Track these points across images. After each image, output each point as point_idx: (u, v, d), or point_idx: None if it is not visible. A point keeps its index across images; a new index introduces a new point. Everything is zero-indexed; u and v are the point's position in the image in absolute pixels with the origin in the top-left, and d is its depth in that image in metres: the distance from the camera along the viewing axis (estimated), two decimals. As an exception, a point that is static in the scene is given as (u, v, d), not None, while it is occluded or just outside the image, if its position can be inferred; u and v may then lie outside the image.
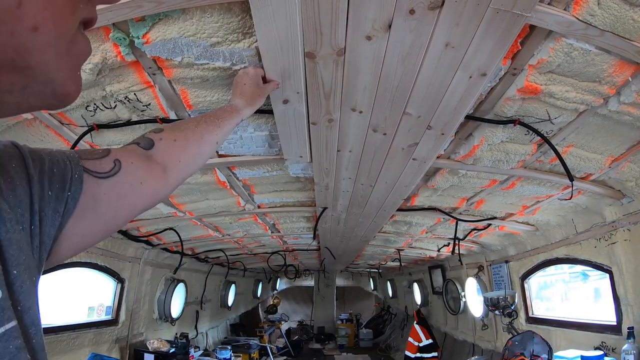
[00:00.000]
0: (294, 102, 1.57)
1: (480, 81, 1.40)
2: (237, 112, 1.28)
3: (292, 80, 1.45)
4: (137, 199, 0.82)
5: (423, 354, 6.66)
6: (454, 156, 2.25)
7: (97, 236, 0.74)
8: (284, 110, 1.64)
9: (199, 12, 1.25)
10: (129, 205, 0.80)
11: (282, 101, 1.57)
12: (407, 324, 9.17)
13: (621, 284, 2.77)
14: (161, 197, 0.94)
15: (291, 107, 1.62)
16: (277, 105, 1.60)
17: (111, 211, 0.74)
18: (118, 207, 0.76)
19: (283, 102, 1.58)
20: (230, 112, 1.26)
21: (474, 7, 1.09)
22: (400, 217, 3.70)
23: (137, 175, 0.82)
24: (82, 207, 0.67)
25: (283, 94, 1.53)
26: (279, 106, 1.61)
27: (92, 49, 1.41)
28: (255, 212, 3.43)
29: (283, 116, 1.69)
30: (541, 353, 3.21)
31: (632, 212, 2.60)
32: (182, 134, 1.03)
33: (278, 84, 1.43)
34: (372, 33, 1.20)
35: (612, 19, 1.22)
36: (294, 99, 1.55)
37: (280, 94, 1.53)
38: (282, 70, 1.39)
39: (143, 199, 0.84)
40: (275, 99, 1.57)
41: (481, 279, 5.03)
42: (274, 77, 1.44)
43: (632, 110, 1.69)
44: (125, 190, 0.77)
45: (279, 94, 1.53)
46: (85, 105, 1.71)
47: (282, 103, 1.58)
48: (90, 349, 3.63)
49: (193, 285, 6.09)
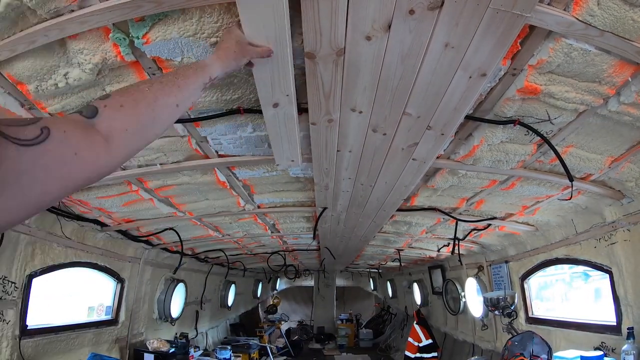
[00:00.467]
0: (283, 105, 1.57)
1: (480, 81, 1.40)
2: (203, 67, 1.10)
3: (282, 83, 1.44)
4: (71, 172, 0.74)
5: (423, 354, 6.66)
6: (454, 156, 2.25)
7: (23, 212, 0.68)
8: (274, 114, 1.63)
9: (198, 12, 1.25)
10: (60, 179, 0.72)
11: (272, 105, 1.57)
12: (407, 324, 9.17)
13: (621, 284, 2.77)
14: (102, 170, 0.82)
15: (281, 111, 1.61)
16: (267, 109, 1.60)
17: (38, 184, 0.67)
18: (46, 180, 0.69)
19: (273, 106, 1.57)
20: (194, 68, 1.08)
21: (473, 7, 1.09)
22: (400, 217, 3.70)
23: (70, 145, 0.73)
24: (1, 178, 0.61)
25: (273, 98, 1.53)
26: (269, 110, 1.61)
27: (92, 49, 1.41)
28: (255, 212, 3.43)
29: (273, 120, 1.69)
30: (541, 353, 3.20)
31: (631, 212, 2.60)
32: (131, 97, 0.90)
33: (269, 52, 1.25)
34: (372, 33, 1.20)
35: (611, 19, 1.22)
36: (284, 101, 1.55)
37: (270, 98, 1.53)
38: (271, 73, 1.38)
39: (78, 172, 0.75)
40: (265, 102, 1.56)
41: (481, 279, 5.03)
42: (262, 77, 1.40)
43: (631, 110, 1.69)
44: (54, 162, 0.70)
45: (268, 97, 1.52)
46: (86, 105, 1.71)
47: (272, 107, 1.58)
48: (90, 348, 3.63)
49: (193, 285, 6.09)
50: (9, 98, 1.64)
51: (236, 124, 1.93)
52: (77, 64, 1.44)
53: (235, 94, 1.69)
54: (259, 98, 1.54)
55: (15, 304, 2.78)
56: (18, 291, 2.80)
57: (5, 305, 2.71)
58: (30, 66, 1.45)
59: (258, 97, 1.53)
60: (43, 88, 1.54)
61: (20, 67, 1.46)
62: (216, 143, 2.13)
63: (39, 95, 1.59)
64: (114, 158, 0.84)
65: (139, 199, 2.89)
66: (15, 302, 2.78)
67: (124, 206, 3.01)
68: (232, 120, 1.90)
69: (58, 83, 1.51)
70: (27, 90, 1.56)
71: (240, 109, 1.79)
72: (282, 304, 13.25)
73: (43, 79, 1.51)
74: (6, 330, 2.71)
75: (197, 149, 2.18)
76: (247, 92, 1.69)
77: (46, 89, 1.54)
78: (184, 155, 2.26)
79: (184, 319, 5.80)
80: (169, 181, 2.61)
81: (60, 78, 1.50)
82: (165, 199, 3.01)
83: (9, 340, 2.73)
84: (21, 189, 0.65)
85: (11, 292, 2.75)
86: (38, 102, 1.66)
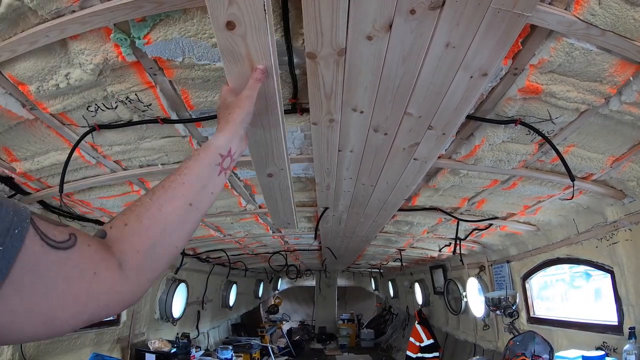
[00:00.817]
0: (278, 176, 1.60)
1: (481, 81, 1.40)
2: (205, 148, 0.97)
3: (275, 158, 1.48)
4: (88, 292, 0.63)
5: (424, 354, 6.65)
6: (455, 156, 2.24)
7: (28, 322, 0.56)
8: (269, 182, 1.66)
9: (199, 12, 1.25)
10: (75, 296, 0.61)
11: (266, 175, 1.60)
12: (409, 324, 9.16)
13: (623, 284, 2.76)
14: (124, 300, 0.71)
15: (276, 181, 1.65)
16: (262, 177, 1.64)
17: (53, 294, 0.57)
18: (63, 292, 0.59)
19: (268, 176, 1.60)
20: (195, 154, 0.96)
21: (474, 7, 1.09)
22: (401, 217, 3.70)
23: (92, 262, 0.64)
24: (19, 273, 0.53)
25: (267, 169, 1.57)
26: (264, 179, 1.64)
27: (94, 49, 1.41)
28: (257, 212, 3.44)
29: (269, 188, 1.73)
30: (542, 353, 3.20)
31: (633, 212, 2.60)
32: (134, 214, 0.78)
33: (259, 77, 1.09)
34: (373, 33, 1.20)
35: (613, 18, 1.22)
36: (278, 174, 1.60)
37: (264, 168, 1.57)
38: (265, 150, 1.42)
39: (95, 295, 0.64)
40: (260, 172, 1.60)
41: (482, 279, 5.03)
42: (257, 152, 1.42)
43: (633, 109, 1.69)
44: (75, 273, 0.61)
45: (262, 168, 1.55)
46: (87, 105, 1.71)
47: (267, 176, 1.60)
48: (91, 349, 3.63)
49: (194, 285, 6.09)
50: (10, 99, 1.65)
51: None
52: (79, 65, 1.44)
53: (236, 94, 1.69)
54: None
55: (17, 304, 2.79)
56: (20, 291, 2.80)
57: (7, 306, 2.71)
58: (32, 67, 1.45)
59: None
60: (44, 89, 1.54)
61: (21, 68, 1.46)
62: (217, 143, 2.13)
63: (40, 96, 1.60)
64: (134, 284, 0.72)
65: (140, 199, 2.89)
66: (17, 302, 2.78)
67: (126, 206, 3.01)
68: (233, 121, 1.90)
69: (59, 84, 1.52)
70: (28, 91, 1.57)
71: (241, 109, 1.79)
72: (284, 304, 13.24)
73: (44, 79, 1.51)
74: (8, 331, 2.72)
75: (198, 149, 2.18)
76: (248, 93, 1.69)
77: (47, 89, 1.54)
78: (185, 155, 2.26)
79: (185, 319, 5.81)
80: (170, 181, 2.61)
81: (61, 79, 1.50)
82: (166, 199, 3.01)
83: (11, 340, 2.73)
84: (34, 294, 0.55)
85: (13, 292, 2.75)
86: (39, 103, 1.66)
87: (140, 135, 2.01)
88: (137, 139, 2.05)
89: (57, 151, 2.10)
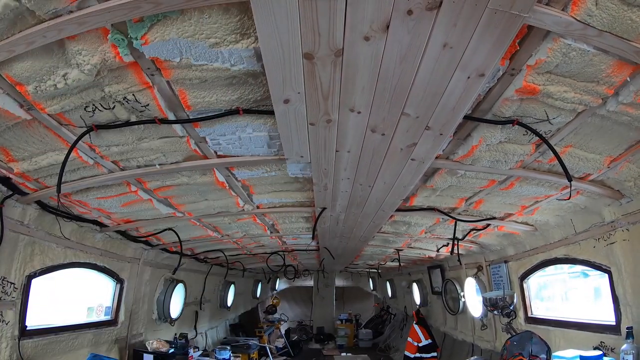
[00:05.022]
0: (294, 102, 1.57)
1: (478, 81, 1.41)
2: None
3: (293, 80, 1.44)
4: None
5: (422, 354, 6.66)
6: (453, 156, 2.25)
7: None
8: (285, 110, 1.63)
9: (197, 13, 1.25)
10: None
11: (283, 101, 1.57)
12: (407, 324, 9.17)
13: (620, 284, 2.77)
14: None
15: (292, 107, 1.61)
16: (278, 105, 1.60)
17: None
18: None
19: (284, 102, 1.57)
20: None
21: (471, 7, 1.09)
22: (399, 217, 3.70)
23: None
24: None
25: (284, 94, 1.53)
26: (280, 106, 1.60)
27: (91, 49, 1.42)
28: (254, 212, 3.43)
29: (284, 117, 1.69)
30: (540, 353, 3.20)
31: (630, 212, 2.60)
32: None
33: None
34: (370, 34, 1.20)
35: (610, 19, 1.22)
36: (295, 98, 1.55)
37: (280, 94, 1.53)
38: (282, 70, 1.38)
39: None
40: (276, 99, 1.56)
41: (480, 279, 5.04)
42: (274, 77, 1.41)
43: (630, 110, 1.70)
44: None
45: (279, 94, 1.52)
46: (84, 106, 1.71)
47: (283, 103, 1.58)
48: (89, 349, 3.62)
49: (192, 286, 6.09)
50: (7, 99, 1.64)
51: (235, 124, 1.93)
52: (76, 65, 1.44)
53: (235, 94, 1.69)
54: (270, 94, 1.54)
55: (15, 305, 2.78)
56: (17, 292, 2.80)
57: (5, 306, 2.70)
58: (29, 67, 1.45)
59: (257, 98, 1.53)
60: (42, 89, 1.54)
61: (19, 68, 1.46)
62: (215, 143, 2.13)
63: (38, 96, 1.59)
64: None
65: (138, 199, 2.89)
66: (14, 302, 2.77)
67: (123, 207, 3.01)
68: (231, 121, 1.90)
69: (57, 84, 1.51)
70: (26, 91, 1.56)
71: (239, 110, 1.79)
72: (282, 304, 13.23)
73: (42, 79, 1.51)
74: (5, 331, 2.71)
75: (196, 149, 2.18)
76: (246, 93, 1.69)
77: (45, 89, 1.54)
78: (182, 155, 2.26)
79: (183, 320, 5.80)
80: (168, 182, 2.61)
81: (59, 79, 1.50)
82: (164, 199, 3.01)
83: (8, 340, 2.72)
84: None
85: (10, 292, 2.74)
86: (37, 103, 1.66)
87: (137, 135, 2.01)
88: (134, 140, 2.05)
89: (55, 151, 2.09)
